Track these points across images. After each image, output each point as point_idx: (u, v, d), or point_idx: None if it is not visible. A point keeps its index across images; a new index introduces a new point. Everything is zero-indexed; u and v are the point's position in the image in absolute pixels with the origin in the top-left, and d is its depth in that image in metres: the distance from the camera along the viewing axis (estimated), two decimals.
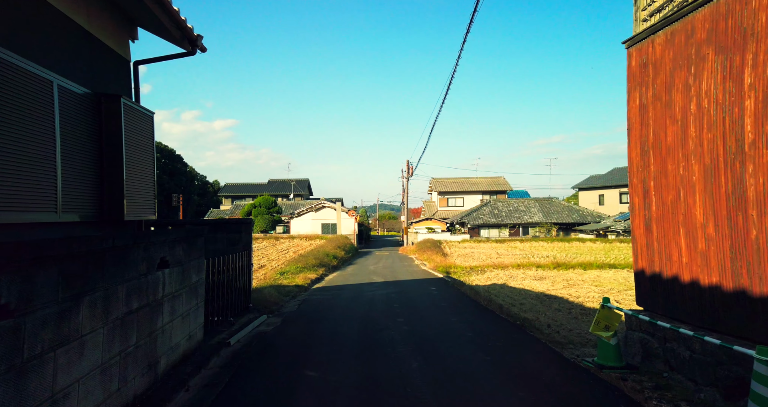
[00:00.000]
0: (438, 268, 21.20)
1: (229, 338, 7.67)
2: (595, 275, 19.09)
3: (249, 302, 9.93)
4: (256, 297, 10.97)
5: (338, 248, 26.62)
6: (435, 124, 25.45)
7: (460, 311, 10.60)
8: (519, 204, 44.41)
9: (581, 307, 12.46)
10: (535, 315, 10.67)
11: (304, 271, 17.69)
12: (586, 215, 42.23)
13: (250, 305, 9.86)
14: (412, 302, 11.58)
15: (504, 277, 18.65)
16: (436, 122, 23.01)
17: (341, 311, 10.50)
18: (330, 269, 20.43)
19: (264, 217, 43.95)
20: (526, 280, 17.98)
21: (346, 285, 15.48)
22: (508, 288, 15.91)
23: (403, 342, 7.46)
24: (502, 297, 13.61)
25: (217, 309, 8.32)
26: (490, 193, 50.54)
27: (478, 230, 41.55)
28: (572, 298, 13.98)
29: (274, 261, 23.10)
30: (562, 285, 16.52)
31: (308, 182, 64.01)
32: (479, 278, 18.70)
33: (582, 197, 51.26)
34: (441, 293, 13.34)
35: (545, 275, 19.32)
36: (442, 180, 52.01)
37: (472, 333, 8.21)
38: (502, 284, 17.01)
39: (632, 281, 17.89)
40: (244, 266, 9.73)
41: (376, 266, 23.15)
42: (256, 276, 17.52)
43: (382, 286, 15.03)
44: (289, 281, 15.45)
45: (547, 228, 41.14)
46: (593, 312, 11.58)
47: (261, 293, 11.54)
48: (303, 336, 8.06)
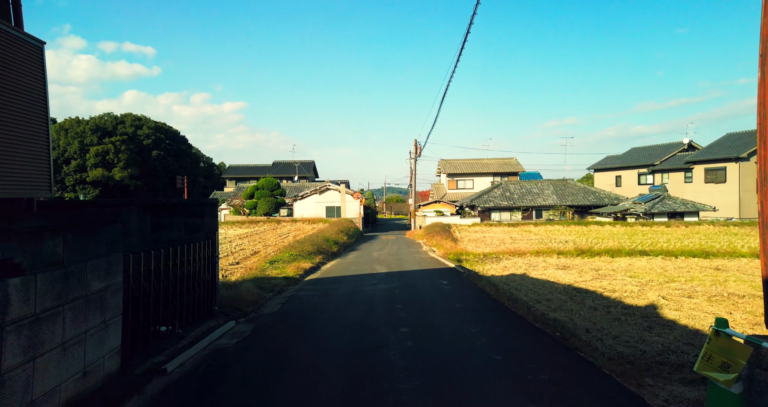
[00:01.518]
0: (448, 255, 18.95)
1: (168, 361, 5.50)
2: (626, 263, 16.74)
3: (214, 304, 7.75)
4: (229, 296, 8.81)
5: (340, 233, 24.43)
6: (446, 93, 22.84)
7: (481, 315, 8.35)
8: (532, 186, 41.84)
9: (621, 304, 10.20)
10: (568, 316, 8.45)
11: (299, 259, 15.52)
12: (603, 197, 39.61)
13: (214, 308, 7.68)
14: (420, 302, 9.35)
15: (523, 266, 16.37)
16: (447, 91, 20.65)
17: (331, 314, 8.30)
18: (329, 256, 18.26)
19: (267, 199, 41.83)
20: (548, 270, 15.71)
21: (344, 277, 13.29)
22: (529, 280, 13.67)
23: (408, 371, 5.22)
24: (525, 291, 11.41)
25: (158, 317, 6.14)
26: (501, 175, 47.93)
27: (488, 214, 39.16)
28: (607, 292, 11.73)
29: (270, 247, 20.98)
30: (591, 276, 14.23)
31: (313, 164, 61.66)
32: (495, 267, 16.44)
33: (598, 179, 48.48)
34: (454, 289, 11.10)
35: (569, 264, 17.02)
36: (452, 161, 49.44)
37: (502, 353, 5.95)
38: (522, 275, 14.77)
39: (672, 271, 15.55)
40: (206, 258, 7.54)
41: (381, 252, 20.95)
42: (244, 265, 15.37)
43: (386, 278, 12.83)
44: (279, 271, 13.29)
45: (562, 211, 38.64)
46: (636, 310, 9.31)
47: (236, 290, 9.37)
48: (272, 357, 5.87)
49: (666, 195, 35.39)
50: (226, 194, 50.86)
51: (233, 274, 13.01)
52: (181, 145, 68.11)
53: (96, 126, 58.50)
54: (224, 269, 14.65)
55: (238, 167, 60.39)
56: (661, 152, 42.70)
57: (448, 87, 27.40)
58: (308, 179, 55.89)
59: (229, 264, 15.94)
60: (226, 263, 16.07)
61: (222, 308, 8.12)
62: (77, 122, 58.99)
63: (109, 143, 57.07)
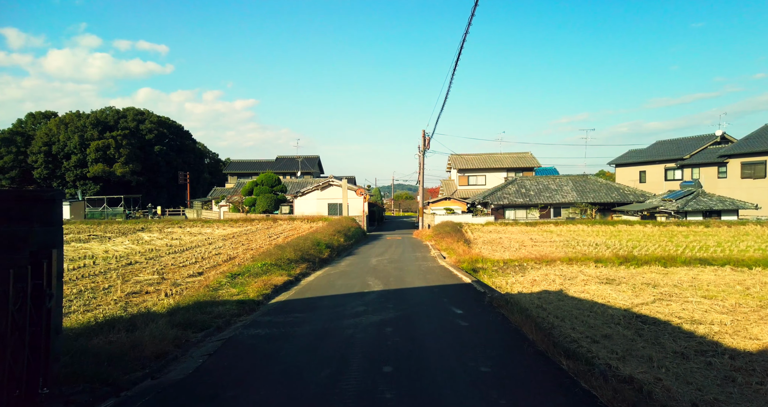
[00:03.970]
0: (461, 262, 15.28)
1: None
2: (688, 276, 12.89)
3: (42, 382, 4.15)
4: (113, 350, 5.26)
5: (337, 234, 20.84)
6: (453, 75, 18.66)
7: (522, 387, 4.68)
8: (549, 182, 37.86)
9: (720, 348, 6.61)
10: (649, 370, 4.93)
11: (273, 270, 11.95)
12: (628, 194, 35.52)
13: (42, 391, 4.09)
14: (422, 359, 5.69)
15: (556, 279, 12.63)
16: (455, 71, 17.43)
17: (271, 390, 4.71)
18: (315, 264, 14.66)
19: (266, 196, 38.35)
20: (590, 284, 11.98)
21: (323, 299, 9.66)
22: (570, 301, 9.99)
23: None
24: (570, 320, 7.86)
25: None
26: (515, 170, 43.98)
27: (502, 211, 35.31)
28: (686, 324, 8.07)
29: (252, 251, 17.47)
30: (652, 296, 10.51)
31: (318, 159, 58.08)
32: (521, 280, 12.74)
33: (619, 174, 44.30)
34: (474, 327, 7.40)
35: (614, 276, 13.25)
36: (462, 156, 45.57)
37: None
38: (559, 292, 11.10)
39: (757, 288, 11.52)
40: (22, 300, 3.98)
41: (381, 258, 17.31)
42: (207, 277, 11.82)
43: (378, 303, 9.17)
44: (238, 289, 9.73)
45: (583, 209, 34.65)
46: (751, 361, 5.64)
47: (134, 336, 5.82)
48: None
49: (700, 192, 31.25)
50: (227, 191, 47.59)
51: (172, 296, 9.46)
52: (185, 140, 65.05)
53: (97, 120, 55.58)
54: (178, 284, 11.14)
55: (240, 162, 57.08)
56: (691, 146, 38.44)
57: (457, 62, 23.24)
58: (313, 175, 52.41)
59: (188, 276, 12.44)
60: (185, 275, 12.58)
61: (75, 380, 4.54)
62: (77, 116, 56.12)
63: (110, 138, 54.12)
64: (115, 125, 57.04)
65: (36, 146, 53.47)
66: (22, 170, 54.66)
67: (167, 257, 15.98)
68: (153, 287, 10.67)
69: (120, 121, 57.81)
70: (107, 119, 57.41)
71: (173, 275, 12.44)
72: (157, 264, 14.36)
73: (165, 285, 10.90)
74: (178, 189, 61.56)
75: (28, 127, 57.41)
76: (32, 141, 54.49)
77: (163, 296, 9.31)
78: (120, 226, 29.47)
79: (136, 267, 13.75)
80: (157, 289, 10.41)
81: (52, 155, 53.95)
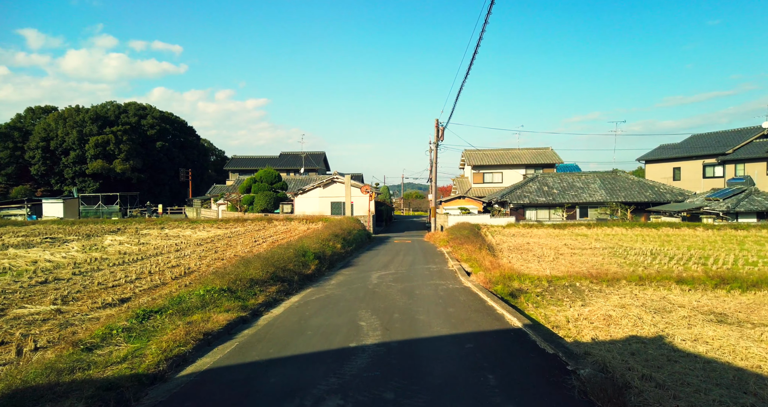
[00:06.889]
0: (493, 283, 10.94)
1: None
2: None
3: None
4: None
5: (334, 238, 16.59)
6: (473, 60, 14.48)
7: None
8: (574, 179, 33.23)
9: None
10: None
11: (218, 300, 7.72)
12: (664, 193, 30.79)
13: None
14: None
15: (642, 314, 8.18)
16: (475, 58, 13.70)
17: None
18: (294, 284, 10.38)
19: (265, 194, 34.24)
20: (696, 326, 7.56)
21: (275, 367, 5.40)
22: (688, 363, 5.58)
23: None
24: None
25: None
26: (534, 167, 39.35)
27: (522, 212, 30.81)
28: None
29: (220, 261, 13.30)
30: None
31: (324, 156, 53.80)
32: (585, 313, 8.36)
33: (650, 171, 39.47)
34: None
35: (720, 307, 8.82)
36: (477, 152, 41.06)
37: None
38: (658, 342, 6.70)
39: None
40: None
41: (384, 273, 13.01)
42: (95, 322, 7.61)
43: (367, 386, 4.90)
44: (133, 347, 5.55)
45: (614, 209, 30.00)
46: None
47: None
48: None
49: (753, 190, 26.48)
50: (227, 188, 43.62)
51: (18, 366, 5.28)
52: (188, 136, 61.28)
53: (96, 115, 51.92)
54: (75, 321, 6.96)
55: (241, 158, 53.04)
56: (733, 139, 33.53)
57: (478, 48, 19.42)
58: (318, 172, 48.25)
59: (103, 305, 8.29)
60: (100, 303, 8.41)
61: None
62: (77, 111, 52.53)
63: (110, 133, 50.38)
64: (115, 120, 53.40)
65: (33, 142, 50.01)
66: (19, 166, 51.27)
67: (105, 271, 11.87)
68: (17, 335, 6.53)
69: (121, 116, 54.16)
70: (107, 113, 53.79)
71: (80, 306, 8.30)
72: (79, 283, 10.25)
73: (38, 330, 6.74)
74: (181, 187, 57.85)
75: (27, 122, 54.00)
76: (30, 136, 51.07)
77: None
78: (96, 226, 25.56)
79: (42, 289, 9.64)
80: (19, 340, 6.26)
81: (50, 150, 50.45)
